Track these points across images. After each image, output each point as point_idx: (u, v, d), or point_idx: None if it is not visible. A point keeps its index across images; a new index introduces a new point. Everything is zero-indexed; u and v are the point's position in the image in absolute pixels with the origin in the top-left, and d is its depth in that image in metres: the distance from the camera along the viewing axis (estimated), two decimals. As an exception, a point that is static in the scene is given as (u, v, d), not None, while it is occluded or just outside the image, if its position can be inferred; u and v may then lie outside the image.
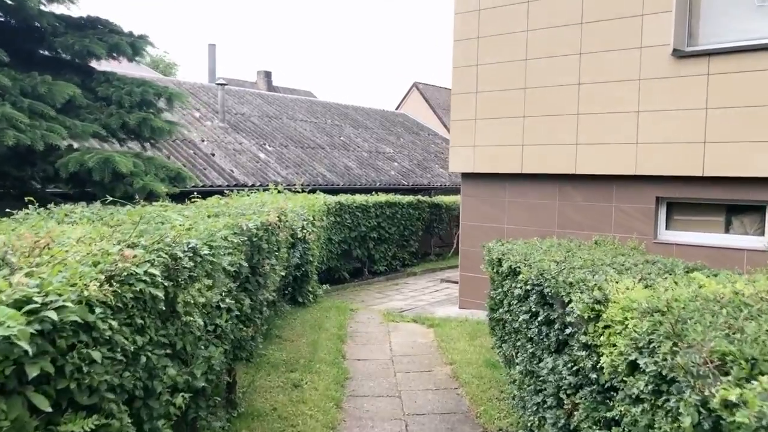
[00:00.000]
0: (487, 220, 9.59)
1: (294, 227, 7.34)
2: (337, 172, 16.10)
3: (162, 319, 2.53)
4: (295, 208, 8.64)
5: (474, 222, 9.75)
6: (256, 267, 4.34)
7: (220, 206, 5.81)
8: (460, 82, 9.61)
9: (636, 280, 3.19)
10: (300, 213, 8.18)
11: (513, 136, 9.07)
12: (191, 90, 17.48)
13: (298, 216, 7.92)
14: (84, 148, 8.88)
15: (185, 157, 13.33)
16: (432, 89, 30.20)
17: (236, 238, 3.77)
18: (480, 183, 9.63)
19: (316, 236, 9.90)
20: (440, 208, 15.70)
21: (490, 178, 9.51)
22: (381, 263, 13.91)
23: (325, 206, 11.49)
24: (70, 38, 8.70)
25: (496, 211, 9.48)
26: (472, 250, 9.80)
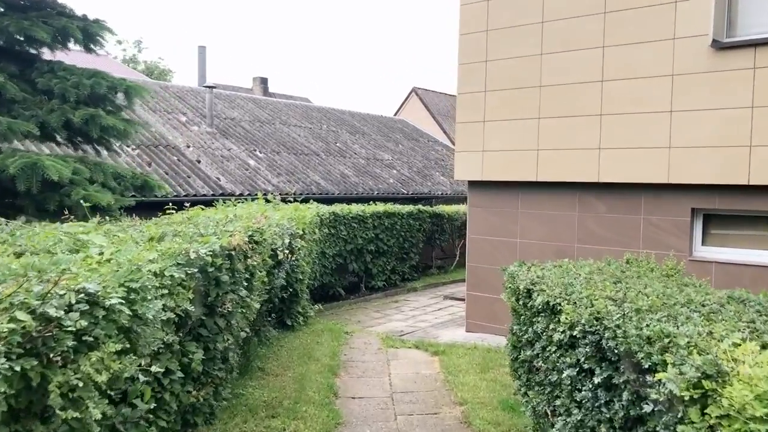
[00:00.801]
0: (497, 233, 8.62)
1: (276, 244, 6.35)
2: (332, 179, 15.13)
3: None
4: (281, 221, 7.66)
5: (482, 235, 8.77)
6: (214, 306, 3.37)
7: (179, 223, 4.82)
8: (467, 80, 8.66)
9: (745, 334, 2.21)
10: (286, 227, 7.20)
11: (527, 139, 8.12)
12: (178, 93, 16.54)
13: (284, 230, 6.94)
14: (8, 150, 7.38)
15: (168, 164, 12.36)
16: (432, 95, 29.32)
17: (179, 272, 2.79)
18: (489, 192, 8.67)
19: (306, 251, 8.92)
20: (442, 219, 14.73)
21: (501, 187, 8.55)
22: (379, 278, 12.92)
23: (318, 217, 10.51)
24: (5, 20, 7.41)
25: (508, 224, 8.51)
26: (480, 266, 8.81)
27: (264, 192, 12.42)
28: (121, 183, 7.43)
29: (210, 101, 15.12)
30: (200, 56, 19.09)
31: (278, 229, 6.62)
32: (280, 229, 6.75)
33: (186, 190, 11.65)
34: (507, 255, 8.51)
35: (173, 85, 18.02)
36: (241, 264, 3.71)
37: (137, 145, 12.53)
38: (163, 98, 15.67)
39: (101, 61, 26.52)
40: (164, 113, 14.76)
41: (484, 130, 8.48)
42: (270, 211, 9.29)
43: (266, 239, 5.07)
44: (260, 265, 4.83)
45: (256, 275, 4.42)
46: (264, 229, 4.82)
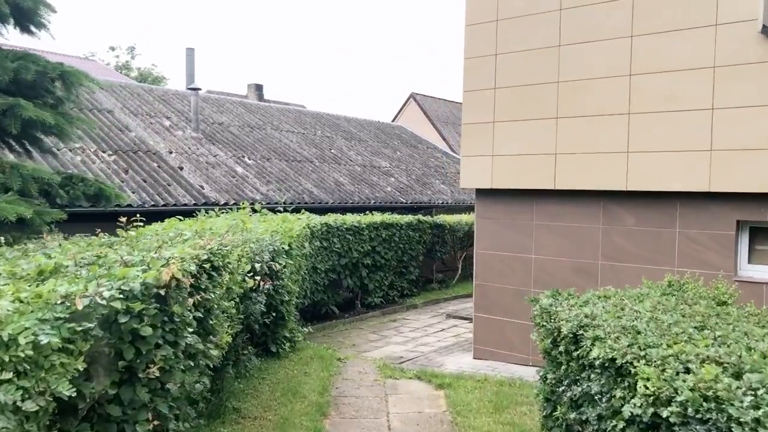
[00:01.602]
0: (509, 248, 7.65)
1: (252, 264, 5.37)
2: (326, 188, 14.17)
3: None
4: (263, 235, 6.69)
5: (492, 250, 7.81)
6: (134, 369, 2.38)
7: (119, 242, 3.83)
8: (474, 76, 7.73)
9: None
10: (267, 242, 6.22)
11: (543, 142, 7.17)
12: (163, 97, 15.60)
13: (263, 247, 5.96)
14: None
15: (147, 171, 11.39)
16: (430, 101, 28.43)
17: (49, 334, 1.78)
18: (500, 201, 7.71)
19: (294, 268, 7.94)
20: (443, 230, 13.78)
21: (514, 196, 7.59)
22: (376, 294, 11.94)
23: (308, 229, 9.53)
24: None
25: (521, 238, 7.54)
26: (489, 285, 7.84)
27: (251, 201, 11.47)
28: (70, 191, 6.40)
29: (195, 104, 14.17)
30: (188, 58, 18.12)
31: (256, 246, 5.65)
32: (259, 245, 5.77)
33: (165, 200, 10.67)
34: (520, 273, 7.54)
35: (158, 88, 17.08)
36: (184, 303, 2.74)
37: (114, 151, 11.57)
38: (146, 101, 14.72)
39: (90, 66, 25.64)
40: (146, 117, 13.81)
41: (494, 131, 7.54)
42: (255, 222, 8.34)
43: (233, 262, 4.11)
44: (223, 296, 3.87)
45: (215, 312, 3.47)
46: (227, 251, 3.85)
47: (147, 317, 2.36)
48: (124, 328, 2.33)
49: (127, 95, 14.61)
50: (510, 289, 7.64)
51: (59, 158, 10.64)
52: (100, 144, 11.58)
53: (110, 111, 13.25)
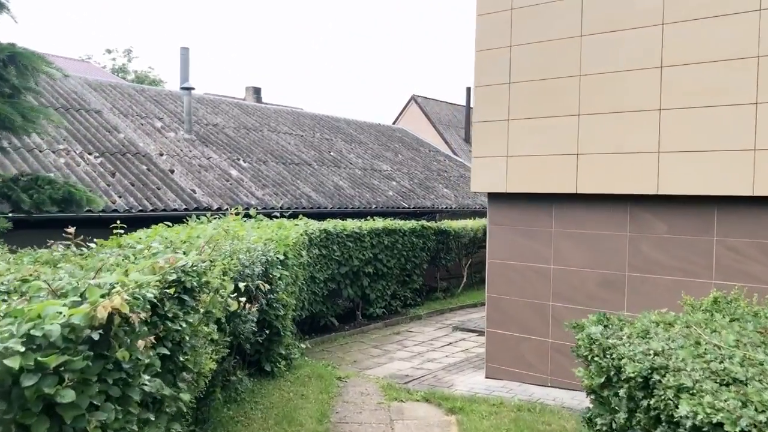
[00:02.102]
0: (525, 257, 7.01)
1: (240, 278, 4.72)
2: (325, 192, 13.54)
3: None
4: (256, 243, 6.04)
5: (506, 260, 7.16)
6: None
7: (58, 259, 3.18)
8: (486, 70, 7.10)
9: None
10: (259, 252, 5.56)
11: (563, 141, 6.54)
12: (155, 97, 14.97)
13: (254, 258, 5.31)
14: None
15: (135, 174, 10.75)
16: (432, 103, 27.83)
17: None
18: (515, 207, 7.07)
19: (291, 279, 7.29)
20: (448, 236, 13.14)
21: (531, 201, 6.95)
22: (378, 304, 11.29)
23: (306, 236, 8.89)
24: None
25: (539, 247, 6.90)
26: (503, 298, 7.19)
27: (246, 206, 10.83)
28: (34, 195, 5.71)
29: (188, 104, 13.53)
30: (182, 57, 17.48)
31: (247, 257, 5.00)
32: (250, 256, 5.12)
33: (154, 204, 10.03)
34: (538, 285, 6.90)
35: (151, 88, 16.46)
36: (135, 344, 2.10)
37: (101, 153, 10.93)
38: (137, 102, 14.10)
39: (83, 67, 25.02)
40: (137, 118, 13.18)
41: (509, 130, 6.91)
42: (249, 229, 7.70)
43: (214, 280, 3.46)
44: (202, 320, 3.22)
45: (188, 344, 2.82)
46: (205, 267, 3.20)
47: (72, 373, 1.72)
48: (29, 395, 1.68)
49: (117, 95, 13.98)
50: (526, 303, 7.00)
51: (41, 160, 10.00)
52: (86, 145, 10.95)
53: (98, 111, 12.62)
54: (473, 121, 7.26)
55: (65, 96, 12.65)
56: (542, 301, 6.87)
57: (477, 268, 15.24)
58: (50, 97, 12.26)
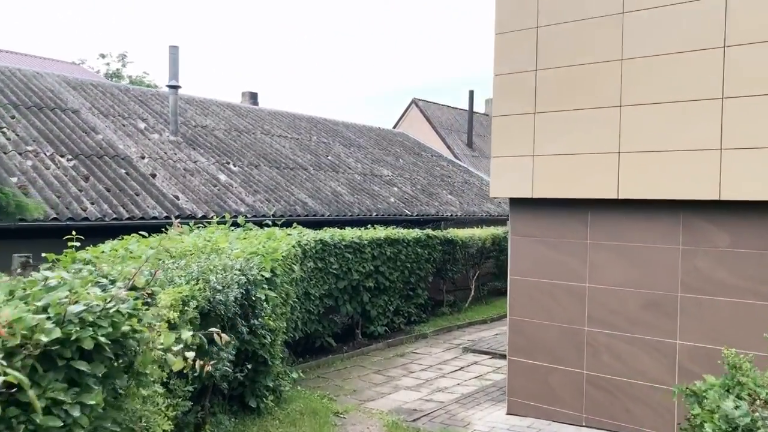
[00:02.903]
0: (554, 274, 5.99)
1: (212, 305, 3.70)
2: (321, 198, 12.52)
3: None
4: (238, 259, 5.02)
5: (532, 277, 6.14)
6: None
7: None
8: (508, 56, 6.12)
9: None
10: (238, 270, 4.53)
11: (601, 137, 5.54)
12: (140, 97, 13.98)
13: (231, 280, 4.29)
14: None
15: (112, 178, 9.74)
16: (433, 107, 26.86)
17: None
18: (543, 215, 6.06)
19: (280, 299, 6.26)
20: (455, 246, 12.12)
21: (562, 207, 5.95)
22: (379, 322, 10.25)
23: (299, 248, 7.87)
24: None
25: (572, 261, 5.88)
26: (528, 321, 6.16)
27: (234, 214, 9.83)
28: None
29: (174, 104, 12.53)
30: (171, 57, 16.48)
31: (220, 279, 3.98)
32: (224, 277, 4.10)
33: (131, 212, 9.01)
34: (570, 307, 5.88)
35: (136, 87, 15.47)
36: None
37: (75, 155, 9.92)
38: (120, 101, 13.10)
39: (73, 70, 24.05)
40: (118, 118, 12.17)
41: (536, 125, 5.91)
42: (233, 240, 6.70)
43: (141, 331, 2.44)
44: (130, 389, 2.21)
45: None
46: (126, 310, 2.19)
47: None
48: None
49: (98, 94, 12.98)
50: (555, 327, 5.98)
51: (4, 162, 8.98)
52: (58, 147, 9.93)
53: (76, 111, 11.61)
54: (492, 114, 6.26)
55: (39, 94, 11.65)
56: (575, 325, 5.85)
57: (485, 280, 14.23)
58: (22, 95, 11.26)
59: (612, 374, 5.66)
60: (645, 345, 5.47)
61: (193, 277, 3.81)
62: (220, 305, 3.84)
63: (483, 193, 18.46)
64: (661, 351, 5.38)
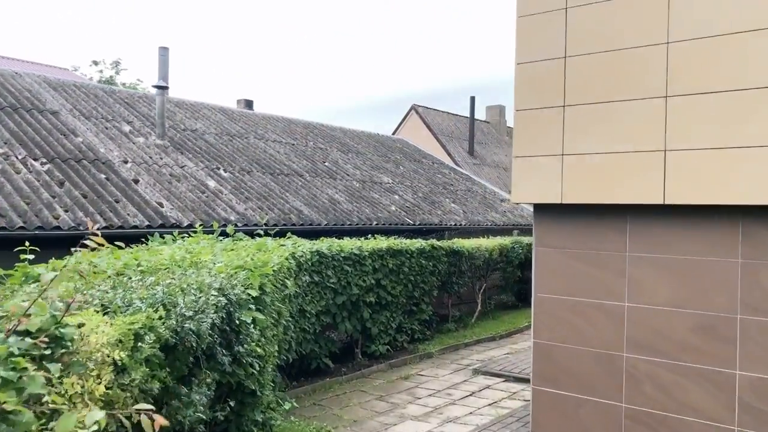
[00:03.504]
0: (587, 291, 5.20)
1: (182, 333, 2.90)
2: (318, 206, 11.74)
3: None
4: (219, 274, 4.22)
5: (560, 294, 5.35)
6: None
7: None
8: (532, 41, 5.36)
9: None
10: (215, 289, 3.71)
11: (643, 134, 4.78)
12: (126, 99, 13.20)
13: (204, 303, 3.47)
14: None
15: (90, 183, 8.94)
16: (433, 113, 26.17)
17: None
18: (574, 223, 5.28)
19: (271, 320, 5.45)
20: (461, 257, 11.33)
21: (595, 215, 5.17)
22: (381, 340, 9.44)
23: (293, 260, 7.07)
24: None
25: (607, 276, 5.09)
26: (557, 346, 5.37)
27: (223, 222, 9.04)
28: None
29: (161, 105, 11.76)
30: (161, 58, 15.74)
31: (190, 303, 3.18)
32: (196, 300, 3.30)
33: (109, 220, 8.21)
34: (606, 329, 5.09)
35: (123, 90, 14.72)
36: None
37: (50, 159, 9.12)
38: (104, 103, 12.32)
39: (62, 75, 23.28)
40: (101, 120, 11.39)
41: (565, 120, 5.14)
42: (218, 252, 5.92)
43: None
44: None
45: None
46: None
47: None
48: None
49: (80, 96, 12.20)
50: (589, 353, 5.18)
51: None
52: (32, 150, 9.14)
53: (55, 112, 10.83)
54: (515, 109, 5.49)
55: (15, 94, 10.86)
56: (612, 350, 5.06)
57: (490, 293, 13.45)
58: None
59: (656, 408, 4.86)
60: (696, 375, 4.68)
61: (157, 301, 3.02)
62: (191, 336, 3.05)
63: (487, 202, 17.72)
64: (716, 383, 4.59)
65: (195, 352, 3.30)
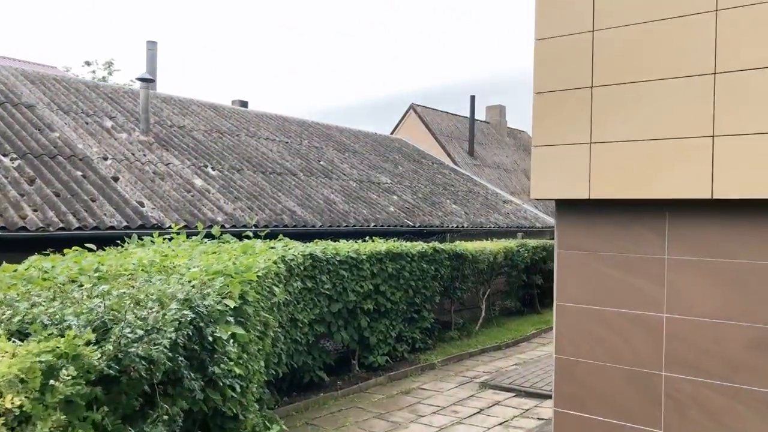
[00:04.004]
0: (618, 300, 4.51)
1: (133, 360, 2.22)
2: (313, 207, 11.05)
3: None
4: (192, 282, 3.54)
5: (587, 303, 4.66)
6: None
7: None
8: (553, 14, 4.69)
9: None
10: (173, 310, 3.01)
11: (686, 117, 4.11)
12: (111, 95, 12.51)
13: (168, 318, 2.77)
14: None
15: (64, 181, 8.25)
16: (432, 113, 25.51)
17: None
18: (604, 221, 4.59)
19: (255, 335, 4.75)
20: (463, 260, 10.66)
21: (627, 211, 4.49)
22: (379, 350, 8.74)
23: (283, 264, 6.39)
24: None
25: (643, 283, 4.41)
26: (583, 362, 4.68)
27: (209, 223, 8.36)
28: None
29: (145, 99, 11.07)
30: (149, 52, 15.13)
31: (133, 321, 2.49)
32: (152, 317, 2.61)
33: (83, 220, 7.51)
34: (642, 345, 4.40)
35: (108, 84, 14.04)
36: None
37: (21, 155, 8.43)
38: (86, 98, 11.63)
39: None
40: (81, 115, 10.69)
41: (594, 103, 4.47)
42: (195, 256, 5.25)
43: None
44: None
45: None
46: None
47: None
48: None
49: (60, 90, 11.50)
50: (621, 371, 4.49)
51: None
52: (1, 145, 8.44)
53: (30, 106, 10.13)
54: (534, 91, 4.82)
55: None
56: (648, 369, 4.37)
57: (494, 298, 12.77)
58: (-34, 87, 9.79)
59: (701, 436, 4.17)
60: (752, 399, 4.00)
61: (96, 318, 2.34)
62: (138, 363, 2.36)
63: (489, 203, 17.05)
64: (775, 408, 3.91)
65: (150, 380, 2.61)
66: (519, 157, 28.47)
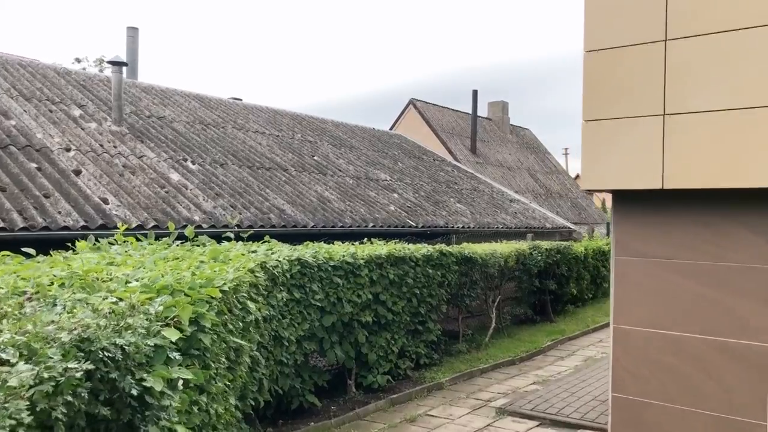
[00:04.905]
0: (702, 323, 3.41)
1: None
2: (304, 205, 9.94)
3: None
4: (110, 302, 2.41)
5: (655, 327, 3.55)
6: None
7: None
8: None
9: None
10: (54, 351, 1.90)
11: (805, 75, 3.00)
12: (83, 82, 11.39)
13: (34, 377, 1.67)
14: None
15: (12, 174, 7.13)
16: (433, 108, 24.43)
17: None
18: (678, 219, 3.49)
19: (223, 366, 3.63)
20: (473, 264, 9.56)
21: (713, 206, 3.39)
22: (379, 368, 7.63)
23: (263, 273, 5.27)
24: None
25: (737, 302, 3.31)
26: (652, 405, 3.57)
27: (183, 223, 7.26)
28: None
29: (117, 85, 9.95)
30: (129, 39, 14.00)
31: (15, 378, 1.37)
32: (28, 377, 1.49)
33: (31, 220, 6.38)
34: (736, 382, 3.31)
35: (81, 72, 12.90)
36: None
37: (-33, 144, 7.29)
38: (53, 84, 10.51)
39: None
40: (45, 102, 9.57)
41: (667, 62, 3.37)
42: (147, 263, 4.14)
43: None
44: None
45: None
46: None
47: None
48: None
49: (24, 75, 10.38)
50: (705, 417, 3.40)
51: None
52: (-58, 132, 7.31)
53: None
54: (584, 50, 3.72)
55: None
56: (746, 417, 3.28)
57: (503, 306, 11.67)
58: None
59: None
60: None
61: None
62: None
63: (495, 202, 15.97)
64: None
65: None
66: (523, 156, 27.41)
